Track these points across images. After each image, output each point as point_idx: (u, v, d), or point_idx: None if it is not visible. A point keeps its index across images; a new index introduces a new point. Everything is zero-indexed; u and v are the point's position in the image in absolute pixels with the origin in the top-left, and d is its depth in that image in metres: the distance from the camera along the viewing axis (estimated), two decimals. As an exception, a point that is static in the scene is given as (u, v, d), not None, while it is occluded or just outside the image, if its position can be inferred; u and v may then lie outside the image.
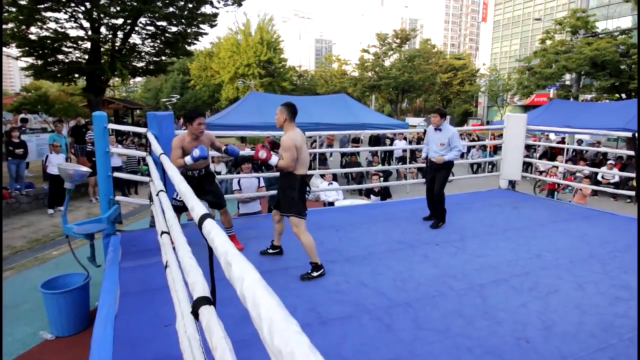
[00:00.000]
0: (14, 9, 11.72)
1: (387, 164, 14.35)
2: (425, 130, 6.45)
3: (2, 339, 3.96)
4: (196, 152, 3.36)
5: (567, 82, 20.83)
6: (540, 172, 11.60)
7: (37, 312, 4.41)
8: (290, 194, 3.24)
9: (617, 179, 11.20)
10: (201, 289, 1.15)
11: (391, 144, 15.05)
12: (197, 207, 1.26)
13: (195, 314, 1.13)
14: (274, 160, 3.22)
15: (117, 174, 4.64)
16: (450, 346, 2.34)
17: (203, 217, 1.12)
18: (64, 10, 12.80)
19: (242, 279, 0.71)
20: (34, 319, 4.33)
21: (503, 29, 57.25)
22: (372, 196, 7.95)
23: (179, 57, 18.15)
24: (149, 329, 2.48)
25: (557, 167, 10.13)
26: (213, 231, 1.02)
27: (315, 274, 3.21)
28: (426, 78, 36.92)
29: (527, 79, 21.31)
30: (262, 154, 3.23)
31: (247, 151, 7.36)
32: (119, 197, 4.49)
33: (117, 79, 14.86)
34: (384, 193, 8.01)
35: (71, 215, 7.96)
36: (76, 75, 14.97)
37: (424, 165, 5.19)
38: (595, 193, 10.67)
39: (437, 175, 4.76)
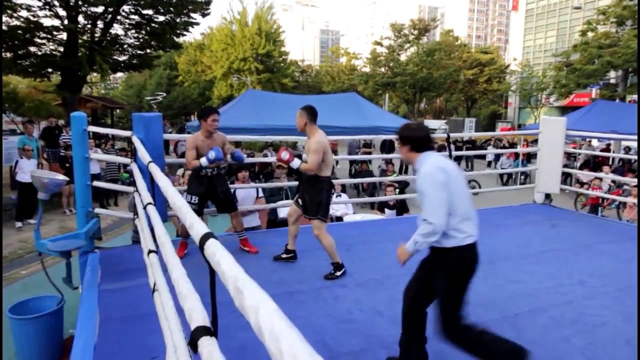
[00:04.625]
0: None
1: (404, 173, 14.36)
2: (448, 135, 6.47)
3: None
4: (212, 154, 3.69)
5: (612, 81, 20.85)
6: (582, 185, 11.55)
7: (3, 340, 4.43)
8: (316, 198, 3.67)
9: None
10: (201, 317, 1.16)
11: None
12: (196, 224, 1.28)
13: (193, 345, 1.14)
14: (296, 163, 3.69)
15: (95, 183, 4.69)
16: (480, 386, 2.33)
17: (205, 237, 1.14)
18: (37, -3, 13.04)
19: (257, 308, 0.73)
20: (-1, 348, 4.34)
21: (537, 18, 57.56)
22: (386, 210, 7.95)
23: (166, 50, 18.41)
24: (133, 362, 2.49)
25: (600, 178, 10.10)
26: (218, 252, 1.04)
27: (338, 273, 3.71)
28: (448, 75, 37.09)
29: (566, 76, 21.38)
30: (285, 155, 3.68)
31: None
32: (97, 210, 4.53)
33: (95, 74, 15.08)
34: (400, 207, 7.99)
35: (42, 229, 7.99)
36: (50, 70, 15.21)
37: None
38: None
39: None
